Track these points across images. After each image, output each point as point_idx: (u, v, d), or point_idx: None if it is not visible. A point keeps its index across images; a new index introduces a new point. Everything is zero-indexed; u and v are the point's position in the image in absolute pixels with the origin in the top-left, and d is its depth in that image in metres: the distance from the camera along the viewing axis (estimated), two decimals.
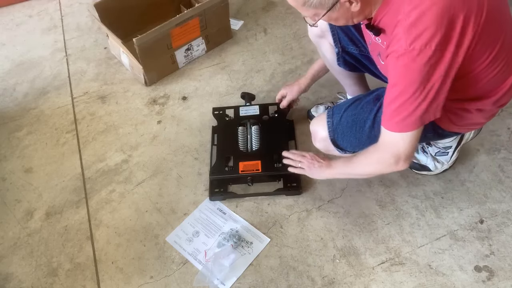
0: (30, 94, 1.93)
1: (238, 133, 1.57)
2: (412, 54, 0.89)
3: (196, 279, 1.28)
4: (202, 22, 1.87)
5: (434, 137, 1.25)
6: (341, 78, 1.52)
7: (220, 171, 1.48)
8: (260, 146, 1.53)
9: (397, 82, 0.95)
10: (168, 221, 1.44)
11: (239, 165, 1.47)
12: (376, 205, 1.42)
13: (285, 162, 1.38)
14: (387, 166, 1.06)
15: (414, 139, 1.00)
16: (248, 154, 1.51)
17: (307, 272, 1.29)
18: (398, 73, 0.94)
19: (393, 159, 1.03)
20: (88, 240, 1.42)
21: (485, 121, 1.18)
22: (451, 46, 0.89)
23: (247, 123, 1.61)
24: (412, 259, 1.29)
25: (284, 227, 1.39)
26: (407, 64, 0.90)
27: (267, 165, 1.46)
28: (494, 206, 1.39)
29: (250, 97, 1.70)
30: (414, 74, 0.91)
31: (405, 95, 0.94)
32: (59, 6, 2.41)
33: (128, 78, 1.95)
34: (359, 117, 1.18)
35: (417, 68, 0.90)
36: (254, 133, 1.57)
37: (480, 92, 1.08)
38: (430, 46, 0.87)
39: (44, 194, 1.56)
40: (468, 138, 1.40)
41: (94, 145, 1.70)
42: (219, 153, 1.53)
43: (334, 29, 1.30)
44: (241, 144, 1.54)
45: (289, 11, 2.18)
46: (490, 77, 1.03)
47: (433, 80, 0.91)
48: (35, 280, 1.34)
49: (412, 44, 0.88)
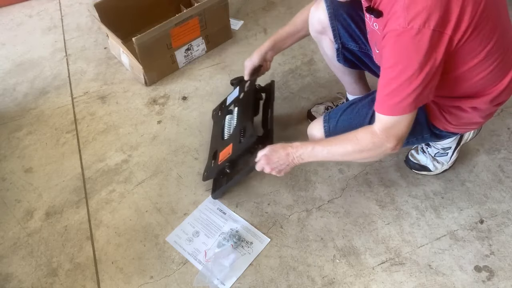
0: (30, 94, 1.93)
1: (225, 123, 1.54)
2: (411, 33, 0.88)
3: (196, 279, 1.28)
4: (202, 22, 1.87)
5: (431, 137, 1.25)
6: (340, 76, 1.52)
7: (208, 169, 1.47)
8: (235, 128, 1.46)
9: (395, 62, 0.93)
10: (168, 221, 1.44)
11: (219, 156, 1.43)
12: (376, 205, 1.42)
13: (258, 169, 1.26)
14: (383, 150, 1.03)
15: (410, 121, 0.99)
16: (224, 142, 1.47)
17: (307, 272, 1.29)
18: (396, 53, 0.92)
19: (392, 143, 1.00)
20: (88, 240, 1.42)
21: (483, 120, 1.18)
22: (449, 29, 0.88)
23: (233, 110, 1.56)
24: (412, 259, 1.29)
25: (284, 227, 1.39)
26: (406, 43, 0.89)
27: (235, 145, 1.37)
28: (494, 206, 1.39)
29: (239, 80, 1.58)
30: (413, 54, 0.90)
31: (402, 77, 0.92)
32: (59, 6, 2.41)
33: (128, 78, 1.95)
34: (354, 121, 1.19)
35: (416, 47, 0.89)
36: (236, 116, 1.50)
37: (474, 89, 1.07)
38: (429, 25, 0.87)
39: (44, 194, 1.56)
40: (468, 139, 1.40)
41: (94, 145, 1.70)
42: (210, 151, 1.53)
43: (334, 25, 1.30)
44: (225, 134, 1.51)
45: (289, 11, 2.18)
46: (484, 74, 1.02)
47: (430, 61, 0.90)
48: (35, 280, 1.34)
49: (411, 22, 0.87)
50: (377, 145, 1.03)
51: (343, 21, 1.27)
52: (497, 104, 1.13)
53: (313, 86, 1.80)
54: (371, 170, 1.50)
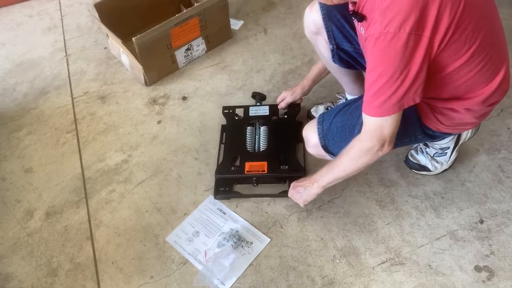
0: (30, 94, 1.93)
1: (247, 133, 1.58)
2: (387, 37, 0.90)
3: (196, 279, 1.28)
4: (202, 21, 1.87)
5: (424, 138, 1.24)
6: (338, 76, 1.52)
7: (226, 170, 1.48)
8: (267, 147, 1.53)
9: (375, 66, 0.96)
10: (168, 221, 1.44)
11: (245, 165, 1.47)
12: (376, 205, 1.42)
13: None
14: (374, 153, 1.06)
15: (395, 122, 1.01)
16: (254, 155, 1.52)
17: (307, 272, 1.29)
18: (375, 57, 0.95)
19: (379, 145, 1.04)
20: (88, 240, 1.42)
21: (477, 121, 1.17)
22: (427, 31, 0.89)
23: (256, 123, 1.62)
24: (412, 259, 1.29)
25: (284, 227, 1.39)
26: (383, 47, 0.91)
27: (273, 167, 1.46)
28: (494, 206, 1.39)
29: (261, 97, 1.70)
30: (390, 58, 0.92)
31: (382, 79, 0.94)
32: (59, 6, 2.41)
33: (128, 78, 1.95)
34: (348, 122, 1.19)
35: (393, 51, 0.91)
36: (263, 134, 1.57)
37: (463, 90, 1.07)
38: (404, 29, 0.88)
39: (44, 194, 1.56)
40: (466, 138, 1.40)
41: (94, 145, 1.70)
42: (226, 152, 1.54)
43: (328, 26, 1.30)
44: (248, 144, 1.55)
45: (289, 11, 2.19)
46: (472, 75, 1.02)
47: (410, 64, 0.92)
48: (35, 280, 1.34)
49: (387, 27, 0.89)
50: (364, 151, 1.07)
51: (337, 22, 1.28)
52: (490, 105, 1.13)
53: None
54: (371, 170, 1.50)
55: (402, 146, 1.29)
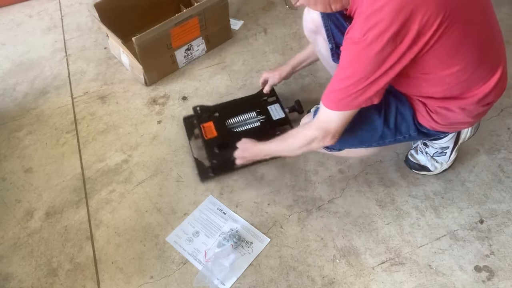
0: (30, 94, 1.93)
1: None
2: (364, 43, 0.92)
3: (196, 279, 1.28)
4: (202, 21, 1.87)
5: (419, 136, 1.25)
6: None
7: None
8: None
9: (346, 66, 1.00)
10: (168, 221, 1.44)
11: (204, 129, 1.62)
12: (376, 205, 1.42)
13: (237, 163, 1.46)
14: (317, 143, 1.14)
15: (346, 119, 1.07)
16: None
17: (307, 272, 1.29)
18: (348, 58, 0.99)
19: (322, 135, 1.11)
20: (88, 240, 1.42)
21: (472, 120, 1.17)
22: (406, 42, 0.91)
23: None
24: (412, 259, 1.29)
25: (284, 227, 1.39)
26: (358, 52, 0.95)
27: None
28: (494, 206, 1.39)
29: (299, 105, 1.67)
30: (362, 62, 0.95)
31: (350, 80, 0.99)
32: (59, 6, 2.41)
33: (128, 78, 1.95)
34: None
35: (366, 56, 0.94)
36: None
37: (457, 91, 1.07)
38: (382, 38, 0.90)
39: (44, 194, 1.56)
40: (465, 138, 1.40)
41: (94, 145, 1.70)
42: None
43: (327, 25, 1.30)
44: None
45: (289, 11, 2.18)
46: (466, 76, 1.03)
47: (379, 71, 0.95)
48: (35, 280, 1.34)
49: (366, 34, 0.91)
50: (308, 140, 1.15)
51: (336, 21, 1.28)
52: (485, 105, 1.13)
53: (313, 86, 1.80)
54: (371, 170, 1.51)
55: (396, 143, 1.29)
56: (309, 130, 1.15)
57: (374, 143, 1.27)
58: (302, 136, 1.19)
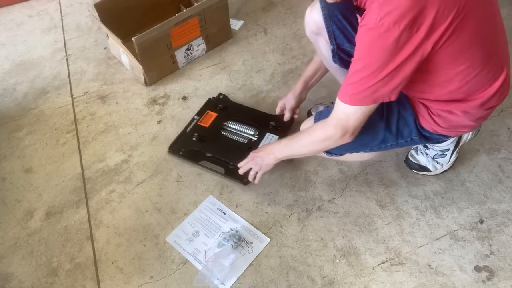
0: (30, 94, 1.93)
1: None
2: (380, 30, 0.89)
3: (196, 279, 1.28)
4: (202, 21, 1.87)
5: (421, 140, 1.23)
6: (338, 76, 1.52)
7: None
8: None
9: (362, 56, 0.96)
10: (168, 221, 1.44)
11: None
12: (376, 205, 1.42)
13: (240, 172, 1.42)
14: (335, 141, 1.09)
15: (364, 115, 1.04)
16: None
17: (307, 272, 1.29)
18: (363, 47, 0.95)
19: (341, 133, 1.07)
20: (88, 240, 1.42)
21: (474, 123, 1.17)
22: (421, 31, 0.89)
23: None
24: (412, 259, 1.29)
25: (284, 227, 1.39)
26: (374, 38, 0.91)
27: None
28: (494, 206, 1.39)
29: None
30: (378, 51, 0.92)
31: (366, 71, 0.95)
32: (59, 6, 2.41)
33: (128, 78, 1.95)
34: None
35: (382, 45, 0.91)
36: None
37: (461, 94, 1.07)
38: (398, 25, 0.87)
39: (44, 194, 1.56)
40: (466, 140, 1.40)
41: (94, 145, 1.70)
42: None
43: (329, 26, 1.30)
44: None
45: (289, 11, 2.19)
46: (471, 78, 1.02)
47: (395, 62, 0.92)
48: (35, 280, 1.34)
49: (382, 19, 0.88)
50: (326, 137, 1.11)
51: (337, 22, 1.28)
52: (488, 108, 1.12)
53: (314, 86, 1.79)
54: (371, 170, 1.51)
55: (398, 148, 1.29)
56: (325, 127, 1.10)
57: (375, 147, 1.25)
58: (319, 135, 1.13)
